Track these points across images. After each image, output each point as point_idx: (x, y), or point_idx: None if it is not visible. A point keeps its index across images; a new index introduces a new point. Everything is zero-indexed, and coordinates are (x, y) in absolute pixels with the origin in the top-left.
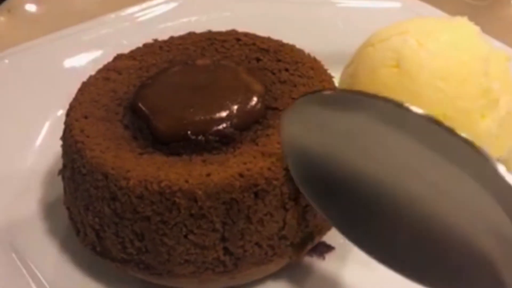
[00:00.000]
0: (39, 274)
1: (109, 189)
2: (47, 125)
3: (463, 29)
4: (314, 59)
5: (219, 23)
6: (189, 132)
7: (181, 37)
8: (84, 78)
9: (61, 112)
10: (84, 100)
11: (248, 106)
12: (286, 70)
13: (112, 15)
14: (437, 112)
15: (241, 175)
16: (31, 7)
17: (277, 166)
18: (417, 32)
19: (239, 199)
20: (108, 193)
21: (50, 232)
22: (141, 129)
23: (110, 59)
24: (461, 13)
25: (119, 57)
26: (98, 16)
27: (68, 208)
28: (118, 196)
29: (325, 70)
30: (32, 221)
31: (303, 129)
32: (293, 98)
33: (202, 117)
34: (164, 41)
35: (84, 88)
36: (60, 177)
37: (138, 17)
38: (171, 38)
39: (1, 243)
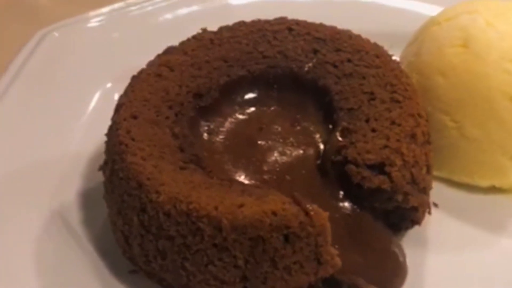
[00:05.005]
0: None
1: (140, 200)
2: (97, 96)
3: None
4: (376, 45)
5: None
6: None
7: (230, 29)
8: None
9: (110, 85)
10: (134, 98)
11: None
12: (349, 61)
13: None
14: (503, 94)
15: (274, 213)
16: None
17: (318, 213)
18: (486, 12)
19: (266, 238)
20: (139, 203)
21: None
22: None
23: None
24: None
25: (170, 51)
26: None
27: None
28: (147, 209)
29: (391, 57)
30: (84, 197)
31: None
32: (365, 93)
33: None
34: (214, 33)
35: (135, 84)
36: None
37: None
38: (221, 29)
39: (53, 217)
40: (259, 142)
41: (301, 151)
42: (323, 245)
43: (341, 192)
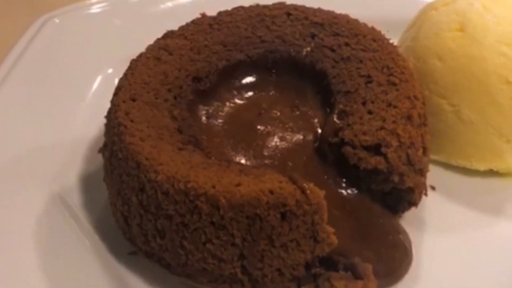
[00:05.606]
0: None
1: (139, 179)
2: (98, 81)
3: None
4: (373, 29)
5: None
6: None
7: (229, 13)
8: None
9: (111, 71)
10: (134, 81)
11: None
12: (347, 44)
13: None
14: (500, 77)
15: (271, 192)
16: None
17: (314, 192)
18: None
19: (263, 216)
20: (137, 183)
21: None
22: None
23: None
24: None
25: (169, 35)
26: None
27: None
28: (146, 188)
29: (388, 40)
30: (84, 180)
31: None
32: (362, 76)
33: None
34: (213, 18)
35: (135, 67)
36: None
37: None
38: (220, 14)
39: (54, 199)
40: (259, 127)
41: (301, 136)
42: (319, 223)
43: (339, 174)
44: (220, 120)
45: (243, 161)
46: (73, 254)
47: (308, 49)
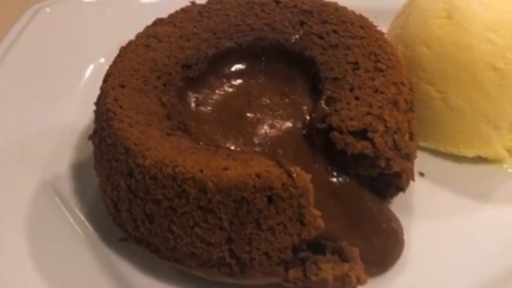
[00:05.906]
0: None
1: (127, 165)
2: (90, 71)
3: None
4: (361, 16)
5: None
6: None
7: (219, 1)
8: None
9: (103, 60)
10: (123, 68)
11: None
12: (335, 32)
13: None
14: (487, 64)
15: (258, 175)
16: None
17: (300, 175)
18: None
19: (250, 200)
20: (126, 168)
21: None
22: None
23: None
24: None
25: (159, 23)
26: None
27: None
28: (134, 173)
29: (376, 27)
30: (75, 168)
31: None
32: (350, 63)
33: None
34: (203, 6)
35: (124, 54)
36: None
37: None
38: (209, 1)
39: (45, 187)
40: (248, 114)
41: (290, 123)
42: (305, 206)
43: (327, 161)
44: (209, 108)
45: (232, 148)
46: (63, 241)
47: (297, 36)
